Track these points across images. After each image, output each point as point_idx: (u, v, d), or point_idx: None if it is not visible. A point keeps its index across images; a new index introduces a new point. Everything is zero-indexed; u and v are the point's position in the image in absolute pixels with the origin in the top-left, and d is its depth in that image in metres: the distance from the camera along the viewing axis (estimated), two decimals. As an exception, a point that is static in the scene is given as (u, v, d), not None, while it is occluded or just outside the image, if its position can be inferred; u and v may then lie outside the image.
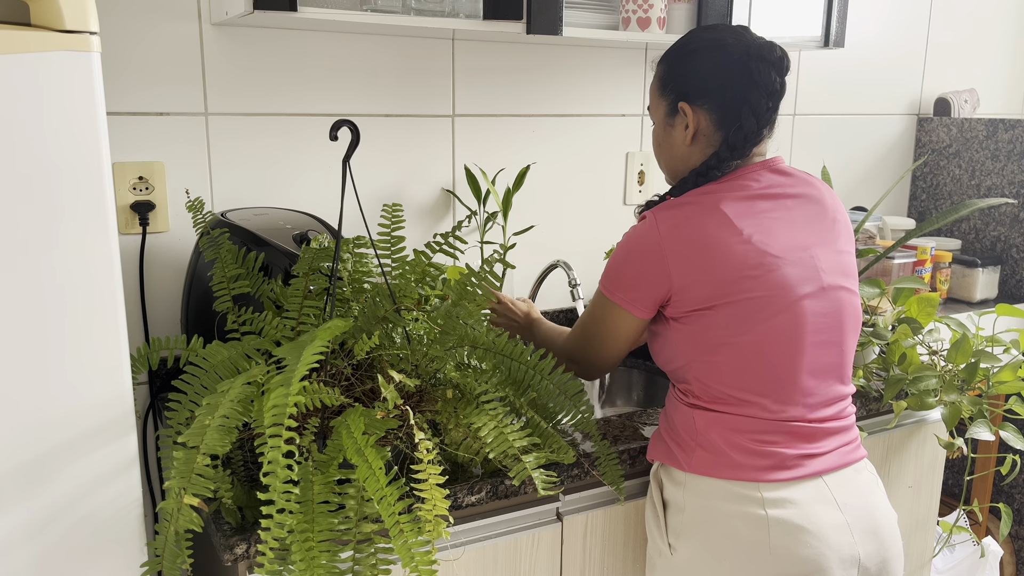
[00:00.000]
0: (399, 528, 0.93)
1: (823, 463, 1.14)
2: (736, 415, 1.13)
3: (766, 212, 1.15)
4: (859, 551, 1.13)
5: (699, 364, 1.15)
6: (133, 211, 1.45)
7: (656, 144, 1.28)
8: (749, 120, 1.16)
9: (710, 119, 1.18)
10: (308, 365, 0.92)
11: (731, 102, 1.16)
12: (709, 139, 1.19)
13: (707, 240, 1.12)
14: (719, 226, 1.12)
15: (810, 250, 1.15)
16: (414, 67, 1.67)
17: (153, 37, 1.43)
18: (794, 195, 1.19)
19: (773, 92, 1.16)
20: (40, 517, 0.98)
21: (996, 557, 1.94)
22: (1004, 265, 2.28)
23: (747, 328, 1.11)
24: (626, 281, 1.18)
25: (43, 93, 0.91)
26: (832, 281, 1.16)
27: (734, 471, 1.12)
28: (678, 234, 1.13)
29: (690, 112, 1.18)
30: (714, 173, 1.18)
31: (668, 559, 1.18)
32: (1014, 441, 1.50)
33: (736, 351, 1.12)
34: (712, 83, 1.17)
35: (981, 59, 2.56)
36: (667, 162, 1.27)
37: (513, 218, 1.84)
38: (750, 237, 1.12)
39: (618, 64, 1.89)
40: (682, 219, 1.14)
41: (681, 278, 1.13)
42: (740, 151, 1.17)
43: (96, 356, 0.99)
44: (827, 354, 1.16)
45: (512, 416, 1.10)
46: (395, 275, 1.17)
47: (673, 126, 1.22)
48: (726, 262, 1.11)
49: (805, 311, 1.13)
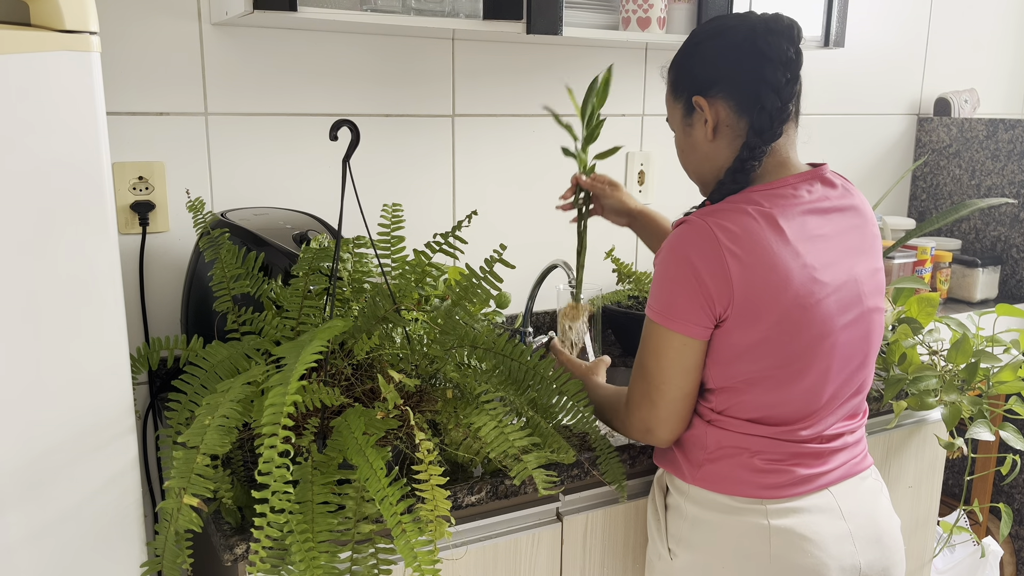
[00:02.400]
0: (402, 528, 0.93)
1: (831, 477, 1.13)
2: (753, 436, 1.10)
3: (817, 230, 1.08)
4: (860, 560, 1.12)
5: (728, 391, 1.10)
6: (133, 211, 1.45)
7: (680, 152, 1.18)
8: (770, 98, 1.07)
9: (729, 107, 1.09)
10: (306, 365, 0.92)
11: (746, 83, 1.08)
12: (733, 129, 1.10)
13: (769, 257, 1.03)
14: (779, 244, 1.03)
15: (854, 273, 1.10)
16: (414, 67, 1.67)
17: (153, 37, 1.43)
18: (841, 208, 1.12)
19: (788, 62, 1.08)
20: (40, 517, 0.98)
21: (996, 557, 1.94)
22: (1004, 265, 2.28)
23: (787, 363, 1.06)
24: (678, 298, 1.05)
25: (43, 93, 0.91)
26: (871, 304, 1.12)
27: (740, 487, 1.11)
28: (737, 244, 1.02)
29: (706, 105, 1.10)
30: (751, 164, 1.08)
31: (667, 563, 1.18)
32: (1014, 441, 1.50)
33: (772, 384, 1.07)
34: (722, 69, 1.09)
35: (981, 59, 2.56)
36: (695, 168, 1.17)
37: (511, 217, 1.84)
38: (806, 261, 1.04)
39: (618, 64, 1.89)
40: (737, 228, 1.03)
41: (743, 293, 1.02)
42: (770, 133, 1.07)
43: (96, 356, 0.99)
44: (853, 377, 1.13)
45: (512, 416, 1.10)
46: (395, 275, 1.17)
47: (692, 125, 1.14)
48: (787, 289, 1.03)
49: (840, 342, 1.08)
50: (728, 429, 1.11)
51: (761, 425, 1.10)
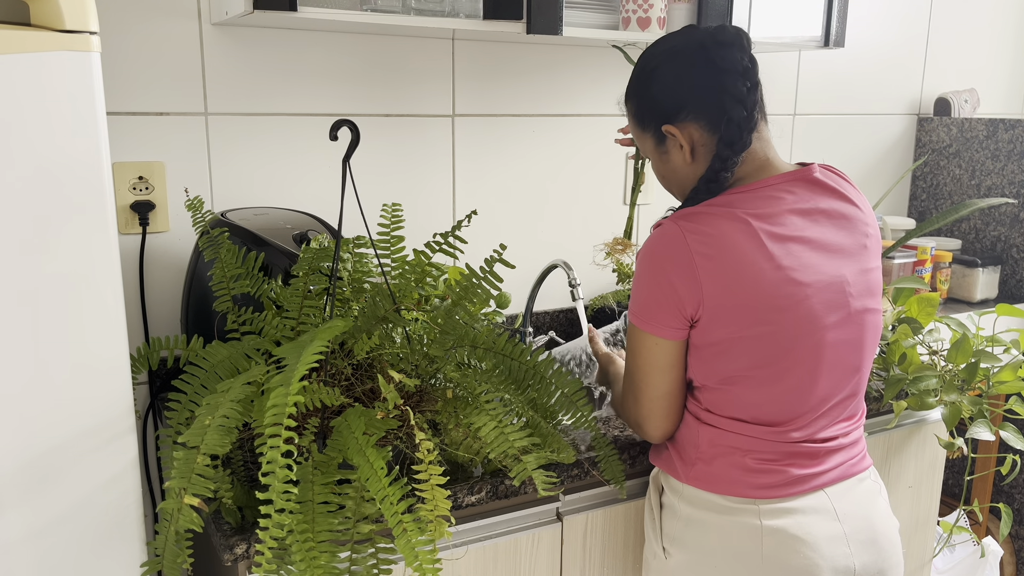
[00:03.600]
0: (402, 528, 0.93)
1: (826, 478, 1.13)
2: (744, 436, 1.10)
3: (798, 232, 1.08)
4: (855, 562, 1.12)
5: (712, 390, 1.11)
6: (133, 211, 1.45)
7: (660, 176, 1.19)
8: (735, 108, 1.07)
9: (700, 127, 1.10)
10: (308, 365, 0.92)
11: (710, 100, 1.08)
12: (708, 147, 1.11)
13: (739, 258, 1.04)
14: (751, 245, 1.04)
15: (841, 275, 1.09)
16: (414, 67, 1.67)
17: (153, 37, 1.43)
18: (827, 211, 1.11)
19: (745, 71, 1.08)
20: (40, 517, 0.98)
21: (996, 557, 1.94)
22: (1004, 265, 2.28)
23: (768, 362, 1.07)
24: (650, 302, 1.08)
25: (43, 93, 0.91)
26: (859, 305, 1.11)
27: (733, 487, 1.11)
28: (708, 246, 1.04)
29: (677, 131, 1.11)
30: (724, 176, 1.09)
31: (662, 562, 1.18)
32: (1014, 441, 1.50)
33: (754, 383, 1.08)
34: (683, 92, 1.10)
35: (981, 59, 2.56)
36: (678, 187, 1.18)
37: (511, 217, 1.84)
38: (781, 263, 1.05)
39: (618, 64, 1.89)
40: (710, 230, 1.05)
41: (713, 297, 1.04)
42: (740, 144, 1.08)
43: (96, 356, 0.99)
44: (845, 379, 1.12)
45: (512, 416, 1.10)
46: (395, 275, 1.17)
47: (668, 152, 1.14)
48: (757, 289, 1.04)
49: (828, 342, 1.08)
50: (720, 428, 1.11)
51: (751, 425, 1.10)
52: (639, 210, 1.99)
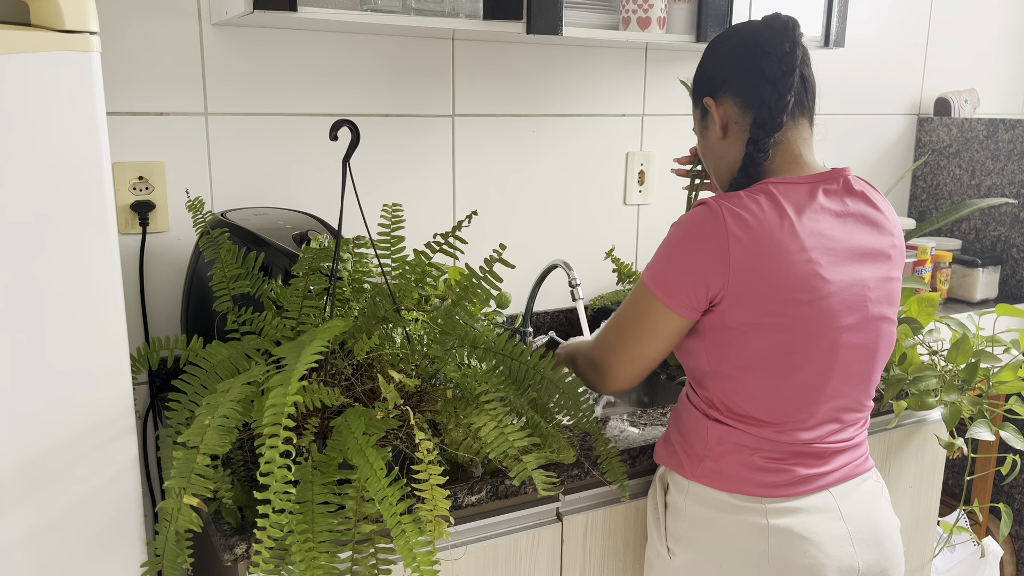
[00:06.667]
0: (401, 528, 0.93)
1: (831, 479, 1.13)
2: (752, 434, 1.11)
3: (828, 230, 1.09)
4: (859, 561, 1.13)
5: (725, 378, 1.11)
6: (133, 211, 1.45)
7: (703, 156, 1.24)
8: (767, 90, 1.10)
9: (735, 104, 1.14)
10: (307, 365, 0.92)
11: (747, 79, 1.12)
12: (741, 126, 1.14)
13: (772, 244, 1.05)
14: (786, 234, 1.06)
15: (863, 278, 1.10)
16: (414, 67, 1.67)
17: (153, 37, 1.43)
18: (857, 214, 1.13)
19: (783, 55, 1.11)
20: (40, 517, 0.98)
21: (996, 557, 1.94)
22: (1004, 265, 2.28)
23: (783, 354, 1.07)
24: (674, 272, 1.09)
25: (43, 93, 0.91)
26: (877, 312, 1.12)
27: (740, 485, 1.11)
28: (745, 229, 1.05)
29: (713, 105, 1.16)
30: (759, 157, 1.11)
31: (666, 562, 1.18)
32: (1014, 441, 1.50)
33: (767, 374, 1.08)
34: (727, 68, 1.15)
35: (981, 59, 2.56)
36: (713, 167, 1.21)
37: (511, 217, 1.84)
38: (810, 256, 1.06)
39: (618, 64, 1.89)
40: (750, 214, 1.06)
41: (739, 279, 1.05)
42: (771, 124, 1.11)
43: (96, 356, 0.99)
44: (855, 383, 1.13)
45: (512, 416, 1.10)
46: (395, 275, 1.17)
47: (707, 127, 1.19)
48: (783, 278, 1.05)
49: (842, 344, 1.09)
50: (729, 425, 1.12)
51: (760, 423, 1.10)
52: (639, 210, 2.00)
